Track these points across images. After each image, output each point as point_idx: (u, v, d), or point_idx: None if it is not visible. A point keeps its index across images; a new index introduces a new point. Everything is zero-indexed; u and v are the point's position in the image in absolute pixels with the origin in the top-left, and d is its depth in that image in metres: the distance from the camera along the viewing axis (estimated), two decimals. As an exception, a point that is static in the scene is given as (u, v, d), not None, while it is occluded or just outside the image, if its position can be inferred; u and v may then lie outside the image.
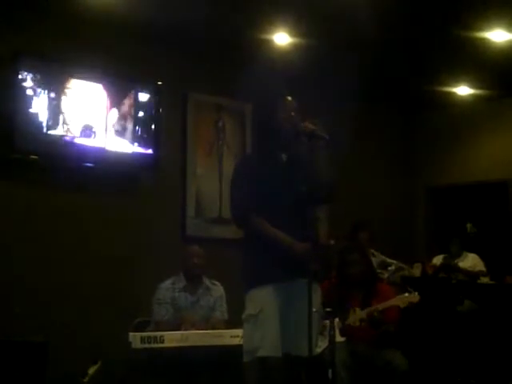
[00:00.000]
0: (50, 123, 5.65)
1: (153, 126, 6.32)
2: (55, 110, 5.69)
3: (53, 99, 5.68)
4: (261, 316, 3.61)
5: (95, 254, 5.98)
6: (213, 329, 5.05)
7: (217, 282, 5.51)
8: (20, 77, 5.50)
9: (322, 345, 4.68)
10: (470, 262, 7.52)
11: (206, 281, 5.47)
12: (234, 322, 4.84)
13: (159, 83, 6.39)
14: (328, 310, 3.92)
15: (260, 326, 3.61)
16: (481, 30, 6.17)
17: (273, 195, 3.69)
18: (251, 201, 3.67)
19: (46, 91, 5.64)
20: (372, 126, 8.57)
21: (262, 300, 3.63)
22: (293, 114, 3.79)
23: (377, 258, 6.98)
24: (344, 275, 5.45)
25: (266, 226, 3.65)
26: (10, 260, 5.50)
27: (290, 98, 3.87)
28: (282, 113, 3.78)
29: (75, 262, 5.85)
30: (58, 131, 5.72)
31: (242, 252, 3.83)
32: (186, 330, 4.92)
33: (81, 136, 5.85)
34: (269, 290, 3.64)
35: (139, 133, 6.24)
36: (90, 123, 5.91)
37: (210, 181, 6.94)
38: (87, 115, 5.90)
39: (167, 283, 5.39)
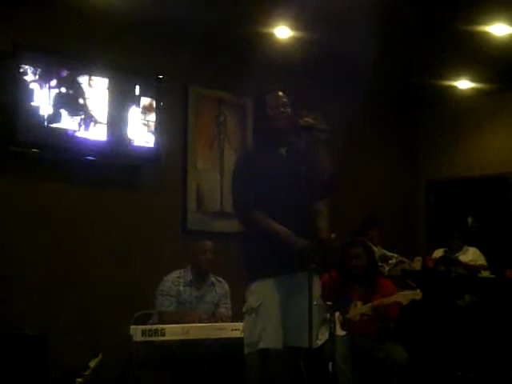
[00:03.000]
0: (51, 116, 5.65)
1: (154, 120, 6.31)
2: (56, 104, 5.69)
3: (54, 92, 5.68)
4: (261, 309, 3.65)
5: (96, 248, 5.99)
6: (216, 322, 5.06)
7: (221, 279, 5.52)
8: (21, 70, 5.48)
9: (322, 338, 4.69)
10: (471, 255, 7.53)
11: (212, 277, 5.48)
12: (236, 316, 4.86)
13: (160, 77, 6.38)
14: (329, 303, 3.93)
15: (261, 318, 3.64)
16: (482, 23, 6.16)
17: (273, 190, 3.71)
18: (252, 196, 3.70)
19: (48, 84, 5.64)
20: (373, 121, 8.56)
21: (263, 293, 3.67)
22: (282, 109, 3.78)
23: (377, 252, 7.00)
24: (346, 269, 5.46)
25: (266, 221, 3.67)
26: (9, 253, 5.50)
27: (279, 93, 3.85)
28: (271, 110, 3.78)
29: (75, 255, 5.85)
30: (59, 124, 5.71)
31: (242, 246, 3.86)
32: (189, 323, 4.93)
33: (82, 129, 5.85)
34: (269, 282, 3.67)
35: (140, 126, 6.24)
36: (91, 116, 5.91)
37: (211, 175, 6.94)
38: (88, 108, 5.89)
39: (173, 276, 5.39)
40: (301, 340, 3.58)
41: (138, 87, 6.24)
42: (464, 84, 8.08)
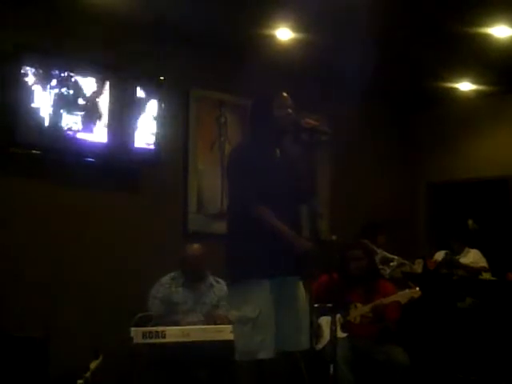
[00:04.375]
0: (51, 118, 5.64)
1: (155, 122, 6.31)
2: (57, 105, 5.68)
3: (55, 94, 5.67)
4: (260, 319, 3.59)
5: (96, 250, 5.97)
6: (215, 324, 5.06)
7: (221, 280, 5.50)
8: (22, 72, 5.48)
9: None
10: (472, 258, 7.52)
11: (210, 278, 5.48)
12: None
13: (161, 78, 6.37)
14: (329, 305, 3.93)
15: (259, 329, 3.59)
16: (483, 25, 6.15)
17: (270, 188, 3.67)
18: (252, 191, 3.64)
19: (48, 86, 5.63)
20: (373, 122, 8.56)
21: (259, 301, 3.61)
22: (290, 110, 3.77)
23: (379, 254, 6.99)
24: (345, 271, 5.45)
25: (273, 218, 3.60)
26: (10, 255, 5.49)
27: (285, 95, 3.85)
28: (279, 110, 3.77)
29: (76, 258, 5.85)
30: (59, 126, 5.71)
31: (232, 245, 3.79)
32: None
33: (82, 131, 5.85)
34: (264, 289, 3.61)
35: (141, 128, 6.23)
36: (92, 118, 5.90)
37: (212, 176, 6.93)
38: (89, 110, 5.89)
39: (166, 278, 5.43)
40: (299, 343, 3.57)
41: (138, 89, 6.23)
42: (465, 86, 8.07)
